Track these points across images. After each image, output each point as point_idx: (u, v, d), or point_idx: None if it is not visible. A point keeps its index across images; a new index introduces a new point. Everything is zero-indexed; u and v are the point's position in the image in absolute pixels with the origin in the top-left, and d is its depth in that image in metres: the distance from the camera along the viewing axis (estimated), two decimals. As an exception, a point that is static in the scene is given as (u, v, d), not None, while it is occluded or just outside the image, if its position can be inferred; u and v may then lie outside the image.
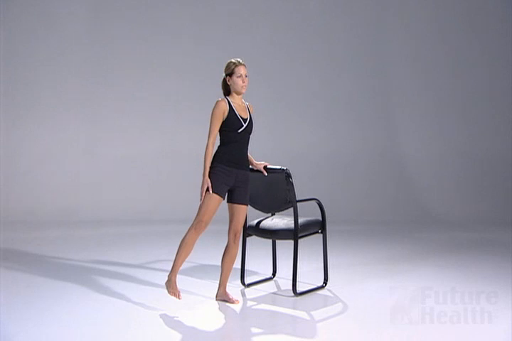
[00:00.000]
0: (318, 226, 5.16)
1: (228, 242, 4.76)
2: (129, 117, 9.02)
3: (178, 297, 4.61)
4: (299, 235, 4.91)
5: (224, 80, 4.70)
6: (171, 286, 4.63)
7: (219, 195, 4.59)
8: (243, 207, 4.72)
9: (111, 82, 8.98)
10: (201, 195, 4.57)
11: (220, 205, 4.65)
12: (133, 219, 8.30)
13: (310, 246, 5.66)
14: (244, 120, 4.67)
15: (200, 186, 4.58)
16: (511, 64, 9.55)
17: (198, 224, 4.59)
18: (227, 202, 4.72)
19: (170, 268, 4.68)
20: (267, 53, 9.27)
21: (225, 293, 4.79)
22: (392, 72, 9.61)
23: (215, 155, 4.64)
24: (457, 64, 9.61)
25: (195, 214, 4.62)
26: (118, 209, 8.51)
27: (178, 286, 4.64)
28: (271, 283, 5.37)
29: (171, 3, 9.13)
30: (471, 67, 9.60)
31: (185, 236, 4.61)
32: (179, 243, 4.62)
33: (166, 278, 4.67)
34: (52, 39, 8.82)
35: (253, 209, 5.07)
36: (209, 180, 4.56)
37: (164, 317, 4.42)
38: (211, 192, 4.55)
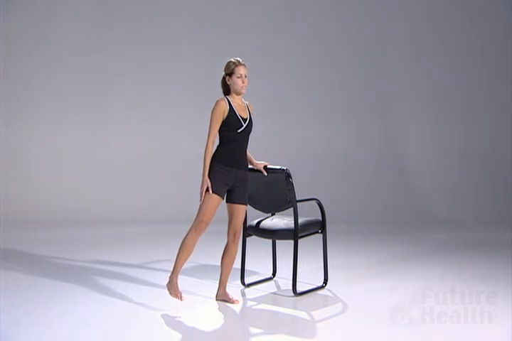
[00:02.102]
0: (318, 226, 5.16)
1: (228, 242, 4.75)
2: (129, 117, 9.02)
3: (180, 298, 4.59)
4: (299, 235, 4.91)
5: (223, 79, 4.69)
6: (172, 288, 4.61)
7: (218, 194, 4.58)
8: (242, 206, 4.72)
9: (111, 83, 8.97)
10: (201, 195, 4.56)
11: (220, 205, 4.65)
12: (133, 219, 8.30)
13: (310, 246, 5.65)
14: (244, 120, 4.66)
15: (200, 186, 4.58)
16: (511, 64, 9.55)
17: (198, 225, 4.58)
18: (227, 202, 4.71)
19: (170, 268, 4.69)
20: (266, 53, 9.25)
21: (225, 293, 4.78)
22: (392, 72, 9.61)
23: (214, 154, 4.62)
24: (457, 64, 9.60)
25: (195, 215, 4.62)
26: (118, 209, 8.51)
27: (179, 286, 4.63)
28: (271, 283, 5.37)
29: (170, 4, 9.12)
30: (471, 67, 9.59)
31: (186, 237, 4.60)
32: (180, 244, 4.62)
33: (168, 280, 4.66)
34: (52, 40, 8.82)
35: (253, 209, 5.07)
36: (208, 180, 4.56)
37: (164, 317, 4.41)
38: (211, 192, 4.55)
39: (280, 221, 5.08)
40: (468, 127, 9.58)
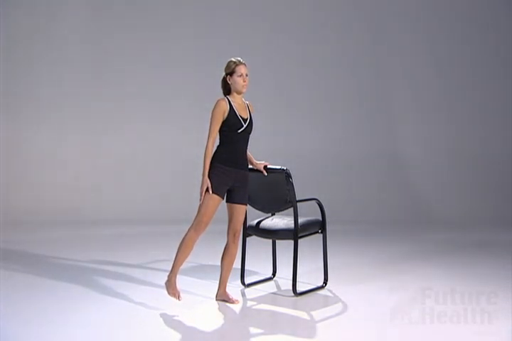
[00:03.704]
0: (318, 226, 5.16)
1: (227, 242, 4.75)
2: (129, 117, 9.03)
3: (178, 298, 4.60)
4: (299, 235, 4.91)
5: (224, 79, 4.68)
6: (170, 287, 4.62)
7: (218, 195, 4.58)
8: (242, 206, 4.72)
9: (111, 82, 8.98)
10: (201, 195, 4.55)
11: (219, 205, 4.65)
12: (133, 219, 8.30)
13: (310, 246, 5.65)
14: (245, 120, 4.65)
15: (200, 186, 4.58)
16: (510, 64, 9.55)
17: (197, 225, 4.58)
18: (226, 201, 4.71)
19: (170, 268, 4.69)
20: (266, 53, 9.26)
21: (225, 293, 4.78)
22: (393, 72, 9.61)
23: (214, 155, 4.61)
24: (457, 64, 9.61)
25: (195, 215, 4.62)
26: (118, 209, 8.51)
27: (178, 286, 4.63)
28: (271, 283, 5.37)
29: (171, 3, 9.13)
30: (470, 67, 9.60)
31: (185, 236, 4.60)
32: (179, 243, 4.62)
33: (166, 278, 4.67)
34: (52, 39, 8.83)
35: (253, 209, 5.07)
36: (208, 180, 4.55)
37: (164, 317, 4.41)
38: (211, 192, 4.54)
39: (280, 221, 5.08)
40: (469, 128, 9.58)
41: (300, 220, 4.91)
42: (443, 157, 9.52)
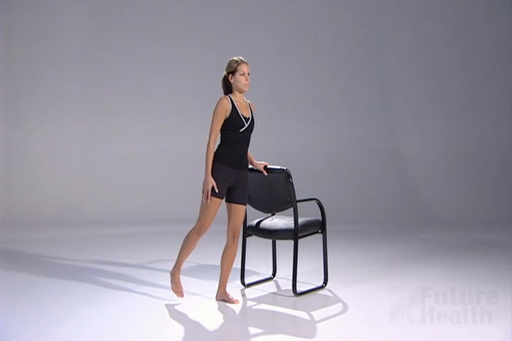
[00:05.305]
0: (318, 226, 5.16)
1: (227, 242, 4.75)
2: (129, 117, 9.03)
3: (181, 295, 4.63)
4: (299, 235, 4.91)
5: (224, 79, 4.66)
6: (174, 283, 4.68)
7: (219, 197, 4.57)
8: (242, 206, 4.71)
9: (111, 82, 8.99)
10: (206, 194, 4.51)
11: (220, 205, 4.65)
12: (133, 219, 8.30)
13: (310, 246, 5.66)
14: (246, 119, 4.64)
15: (203, 185, 4.54)
16: (509, 64, 9.55)
17: (200, 229, 4.60)
18: (226, 201, 4.70)
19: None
20: (266, 52, 9.27)
21: (225, 293, 4.78)
22: (393, 72, 9.61)
23: (214, 154, 4.59)
24: (458, 64, 9.61)
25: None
26: (118, 209, 8.51)
27: (181, 283, 4.67)
28: (271, 283, 5.37)
29: (172, 4, 9.13)
30: (471, 68, 9.60)
31: (188, 238, 4.65)
32: (182, 241, 4.67)
33: (171, 270, 4.72)
34: (52, 39, 8.84)
35: (253, 209, 5.07)
36: (213, 179, 4.52)
37: (164, 316, 4.41)
38: (217, 191, 4.52)
39: (280, 221, 5.08)
40: (469, 128, 9.58)
41: (300, 220, 4.91)
42: (443, 157, 9.52)
